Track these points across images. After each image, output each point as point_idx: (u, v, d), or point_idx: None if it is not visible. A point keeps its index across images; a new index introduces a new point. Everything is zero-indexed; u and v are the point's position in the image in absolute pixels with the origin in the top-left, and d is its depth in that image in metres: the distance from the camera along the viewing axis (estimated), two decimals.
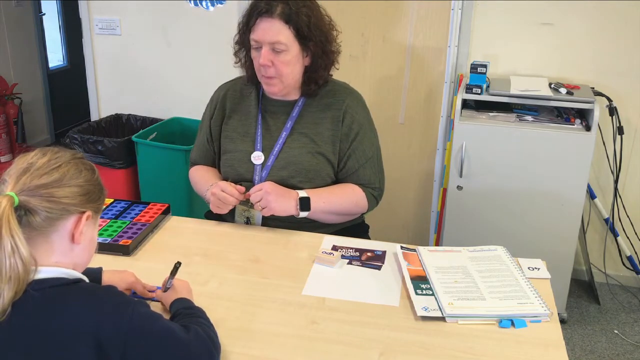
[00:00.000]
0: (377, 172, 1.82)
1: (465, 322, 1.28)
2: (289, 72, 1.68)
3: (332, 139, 1.75)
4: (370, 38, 2.99)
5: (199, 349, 1.05)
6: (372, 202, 1.80)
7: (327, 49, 1.72)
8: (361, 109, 1.80)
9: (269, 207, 1.62)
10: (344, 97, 1.78)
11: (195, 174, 1.90)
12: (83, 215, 1.01)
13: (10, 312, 0.90)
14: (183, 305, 1.21)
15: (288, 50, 1.64)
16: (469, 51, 2.85)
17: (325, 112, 1.76)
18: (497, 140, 2.51)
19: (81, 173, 1.01)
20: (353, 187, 1.77)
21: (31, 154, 0.99)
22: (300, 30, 1.63)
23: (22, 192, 0.93)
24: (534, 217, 2.56)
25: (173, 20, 3.18)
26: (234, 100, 1.84)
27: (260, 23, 1.63)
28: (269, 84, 1.71)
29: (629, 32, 2.66)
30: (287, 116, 1.77)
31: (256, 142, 1.77)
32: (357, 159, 1.77)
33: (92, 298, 0.97)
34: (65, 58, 5.46)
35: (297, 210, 1.66)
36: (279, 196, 1.64)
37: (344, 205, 1.76)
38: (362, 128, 1.78)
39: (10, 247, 0.89)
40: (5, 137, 4.29)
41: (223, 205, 1.69)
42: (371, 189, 1.79)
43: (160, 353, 1.00)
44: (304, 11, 1.64)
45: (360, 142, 1.77)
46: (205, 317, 1.18)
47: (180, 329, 1.05)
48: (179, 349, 1.02)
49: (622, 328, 2.71)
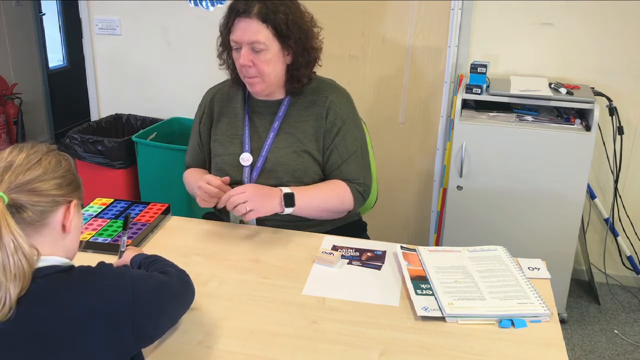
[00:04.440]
0: (361, 167, 1.79)
1: (465, 322, 1.28)
2: (270, 71, 1.67)
3: (315, 135, 1.75)
4: (370, 38, 2.99)
5: (182, 285, 1.18)
6: (358, 198, 1.78)
7: (308, 47, 1.71)
8: (345, 105, 1.78)
9: (256, 210, 1.58)
10: (328, 93, 1.77)
11: (188, 176, 1.90)
12: (71, 204, 1.03)
13: (16, 305, 0.91)
14: (142, 257, 1.31)
15: (268, 50, 1.64)
16: (469, 51, 2.85)
17: (309, 110, 1.76)
18: (497, 140, 2.51)
19: (61, 164, 1.03)
20: (338, 182, 1.76)
21: (4, 153, 1.00)
22: (278, 28, 1.63)
23: (10, 190, 0.94)
24: (534, 217, 2.56)
25: (173, 20, 3.18)
26: (221, 103, 1.84)
27: (239, 23, 1.64)
28: (251, 84, 1.71)
29: (629, 32, 2.66)
30: (273, 116, 1.77)
31: (244, 143, 1.77)
32: (339, 154, 1.76)
33: (92, 276, 1.00)
34: (65, 58, 5.46)
35: (281, 207, 1.63)
36: (262, 197, 1.61)
37: (329, 201, 1.74)
38: (346, 123, 1.76)
39: (12, 245, 0.90)
40: (5, 137, 4.29)
41: (208, 198, 1.66)
42: (356, 185, 1.77)
43: (161, 304, 1.07)
44: (282, 9, 1.63)
45: (343, 137, 1.75)
46: (163, 258, 1.29)
47: (161, 275, 1.15)
48: (172, 293, 1.13)
49: (622, 328, 2.71)
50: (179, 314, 1.19)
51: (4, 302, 0.89)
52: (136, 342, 1.01)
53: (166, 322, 1.12)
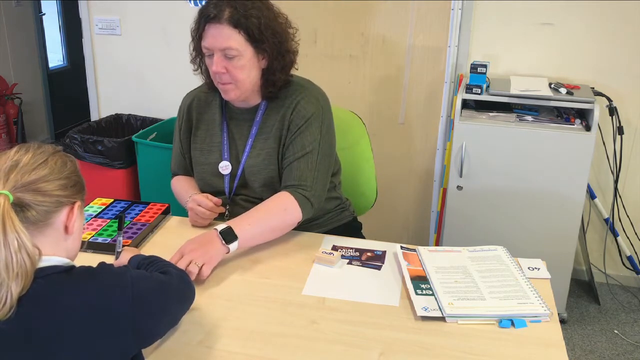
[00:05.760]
0: (312, 169, 1.64)
1: (465, 322, 1.28)
2: (245, 77, 1.60)
3: (280, 139, 1.68)
4: (370, 38, 2.99)
5: (182, 284, 1.18)
6: (304, 204, 1.61)
7: (283, 50, 1.63)
8: (311, 105, 1.67)
9: (207, 262, 1.42)
10: (297, 94, 1.68)
11: (176, 184, 1.85)
12: (74, 205, 1.03)
13: (17, 304, 0.91)
14: (140, 258, 1.31)
15: (241, 56, 1.57)
16: (469, 51, 2.85)
17: (279, 114, 1.68)
18: (497, 140, 2.51)
19: (66, 165, 1.03)
20: (277, 196, 1.62)
21: (11, 152, 1.00)
22: (251, 33, 1.56)
23: (15, 189, 0.94)
24: (534, 217, 2.56)
25: (173, 20, 3.18)
26: (199, 110, 1.78)
27: (209, 29, 1.56)
28: (225, 91, 1.63)
29: (629, 32, 2.66)
30: (251, 122, 1.71)
31: (223, 151, 1.72)
32: (293, 151, 1.65)
33: (92, 276, 1.00)
34: (65, 58, 5.46)
35: (223, 246, 1.46)
36: (201, 246, 1.44)
37: (274, 218, 1.58)
38: (307, 122, 1.65)
39: (17, 243, 0.90)
40: (5, 137, 4.29)
41: (200, 220, 1.67)
42: (302, 190, 1.62)
43: (161, 304, 1.08)
44: (253, 13, 1.56)
45: (300, 134, 1.65)
46: (161, 258, 1.29)
47: (161, 275, 1.15)
48: (172, 293, 1.14)
49: (622, 328, 2.71)
50: (180, 314, 1.19)
51: (5, 301, 0.89)
52: (136, 341, 1.02)
53: (167, 322, 1.12)
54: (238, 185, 1.73)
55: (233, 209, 1.73)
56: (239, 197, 1.74)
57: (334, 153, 1.76)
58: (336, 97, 2.00)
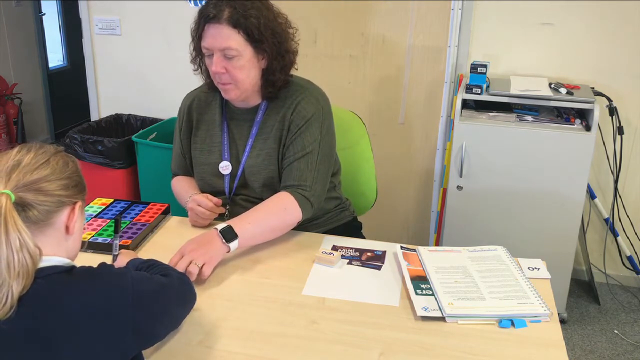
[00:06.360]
0: (312, 170, 1.65)
1: (465, 322, 1.28)
2: (244, 77, 1.60)
3: (280, 139, 1.68)
4: (370, 38, 2.99)
5: (183, 287, 1.18)
6: (304, 204, 1.61)
7: (283, 50, 1.63)
8: (311, 106, 1.67)
9: (207, 262, 1.42)
10: (298, 95, 1.68)
11: (176, 185, 1.85)
12: (75, 205, 1.03)
13: (17, 304, 0.91)
14: (138, 261, 1.30)
15: (241, 56, 1.57)
16: (469, 51, 2.85)
17: (279, 114, 1.68)
18: (497, 140, 2.51)
19: (68, 165, 1.03)
20: (277, 195, 1.62)
21: (13, 151, 1.01)
22: (250, 33, 1.55)
23: (17, 188, 0.94)
24: (534, 217, 2.56)
25: (173, 20, 3.18)
26: (199, 110, 1.78)
27: (209, 30, 1.56)
28: (225, 91, 1.63)
29: (629, 32, 2.66)
30: (251, 122, 1.71)
31: (223, 151, 1.72)
32: (293, 151, 1.65)
33: (93, 276, 1.00)
34: (65, 58, 5.46)
35: (224, 245, 1.47)
36: (201, 247, 1.44)
37: (274, 218, 1.58)
38: (307, 123, 1.65)
39: (18, 242, 0.90)
40: (5, 137, 4.29)
41: (200, 220, 1.67)
42: (301, 190, 1.62)
43: (162, 305, 1.08)
44: (253, 13, 1.55)
45: (300, 135, 1.65)
46: (160, 262, 1.29)
47: (162, 277, 1.15)
48: (173, 295, 1.14)
49: (622, 328, 2.71)
50: (181, 317, 1.19)
51: (5, 300, 0.89)
52: (136, 342, 1.02)
53: (167, 323, 1.12)
54: (238, 185, 1.73)
55: (233, 209, 1.73)
56: (239, 197, 1.74)
57: (334, 153, 1.77)
58: (336, 97, 2.00)
